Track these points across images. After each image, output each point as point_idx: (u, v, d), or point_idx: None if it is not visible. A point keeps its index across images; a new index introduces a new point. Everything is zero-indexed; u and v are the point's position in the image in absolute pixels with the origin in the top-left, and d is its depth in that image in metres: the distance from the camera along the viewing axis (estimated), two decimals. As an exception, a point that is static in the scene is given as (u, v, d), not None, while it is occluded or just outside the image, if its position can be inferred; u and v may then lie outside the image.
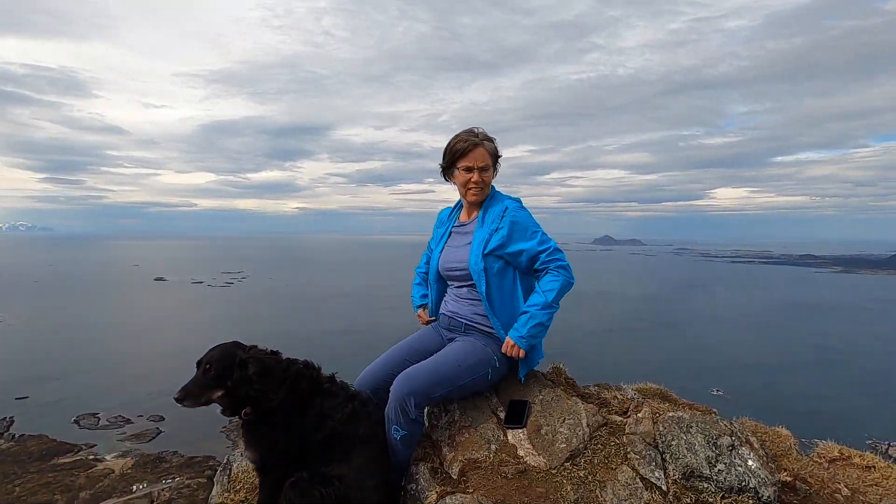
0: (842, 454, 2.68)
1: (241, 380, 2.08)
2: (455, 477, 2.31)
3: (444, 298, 2.73)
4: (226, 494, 2.83)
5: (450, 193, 2.73)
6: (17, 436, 38.28)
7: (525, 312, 2.41)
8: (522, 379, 2.58)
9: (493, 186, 2.62)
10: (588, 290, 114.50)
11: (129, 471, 32.27)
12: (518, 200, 2.57)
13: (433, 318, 2.83)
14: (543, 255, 2.43)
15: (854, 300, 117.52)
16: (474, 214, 2.62)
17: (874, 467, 2.56)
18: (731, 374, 57.57)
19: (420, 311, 2.94)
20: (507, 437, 2.42)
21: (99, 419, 42.65)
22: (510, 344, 2.41)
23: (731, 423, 2.33)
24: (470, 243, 2.53)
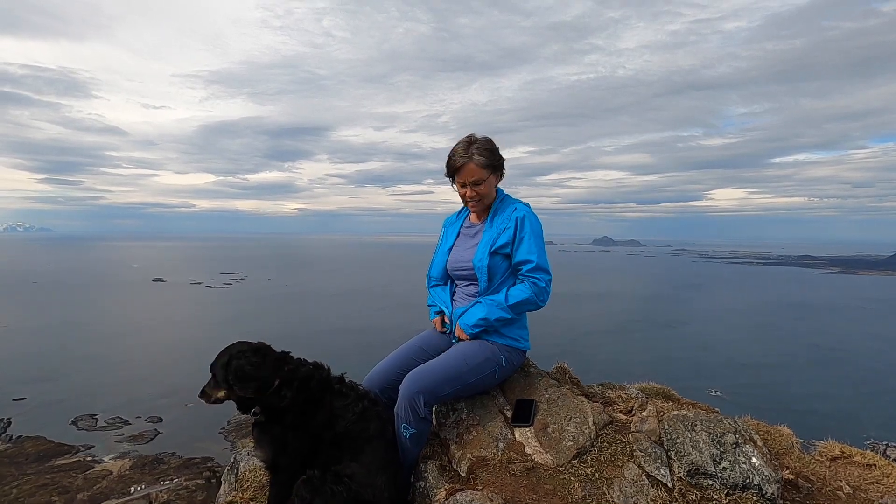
0: (843, 452, 2.71)
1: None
2: (464, 474, 2.34)
3: (453, 298, 2.77)
4: (234, 493, 2.84)
5: (448, 195, 2.82)
6: (14, 437, 38.21)
7: (479, 303, 2.48)
8: (452, 329, 2.58)
9: (501, 190, 2.66)
10: (587, 291, 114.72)
11: (127, 472, 32.24)
12: (528, 206, 2.61)
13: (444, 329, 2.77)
14: (525, 267, 2.46)
15: (851, 301, 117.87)
16: (484, 217, 2.68)
17: (875, 465, 2.59)
18: (729, 374, 57.70)
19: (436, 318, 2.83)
20: (514, 435, 2.45)
21: (97, 420, 42.56)
22: (458, 328, 2.53)
23: (735, 422, 2.36)
24: (478, 244, 2.58)
